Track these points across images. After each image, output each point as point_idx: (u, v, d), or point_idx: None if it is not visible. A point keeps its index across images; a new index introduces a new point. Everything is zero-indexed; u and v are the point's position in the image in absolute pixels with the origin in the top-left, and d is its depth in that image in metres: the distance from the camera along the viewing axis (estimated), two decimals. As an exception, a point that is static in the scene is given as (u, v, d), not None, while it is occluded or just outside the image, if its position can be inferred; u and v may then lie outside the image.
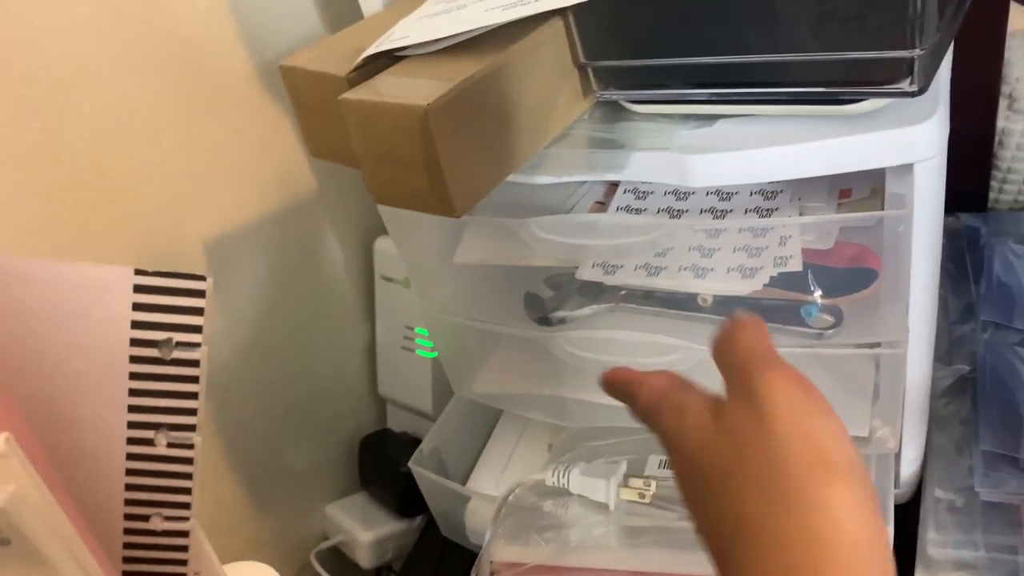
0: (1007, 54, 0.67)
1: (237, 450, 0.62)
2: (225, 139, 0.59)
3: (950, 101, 0.42)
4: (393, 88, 0.40)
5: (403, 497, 0.66)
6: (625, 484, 0.48)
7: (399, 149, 0.39)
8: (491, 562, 0.46)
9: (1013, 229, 0.68)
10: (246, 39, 0.59)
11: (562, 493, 0.49)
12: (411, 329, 0.69)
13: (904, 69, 0.36)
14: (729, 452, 0.27)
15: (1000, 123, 0.69)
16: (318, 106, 0.45)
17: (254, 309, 0.63)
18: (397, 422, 0.74)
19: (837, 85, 0.39)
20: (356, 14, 0.53)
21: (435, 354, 0.67)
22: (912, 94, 0.37)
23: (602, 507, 0.48)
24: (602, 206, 0.51)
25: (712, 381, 0.48)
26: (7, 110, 0.45)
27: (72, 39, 0.47)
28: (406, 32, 0.43)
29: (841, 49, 0.38)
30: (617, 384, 0.35)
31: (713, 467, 0.27)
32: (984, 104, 0.68)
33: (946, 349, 0.60)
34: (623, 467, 0.47)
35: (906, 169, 0.40)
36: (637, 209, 0.50)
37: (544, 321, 0.50)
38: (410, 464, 0.57)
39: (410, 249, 0.54)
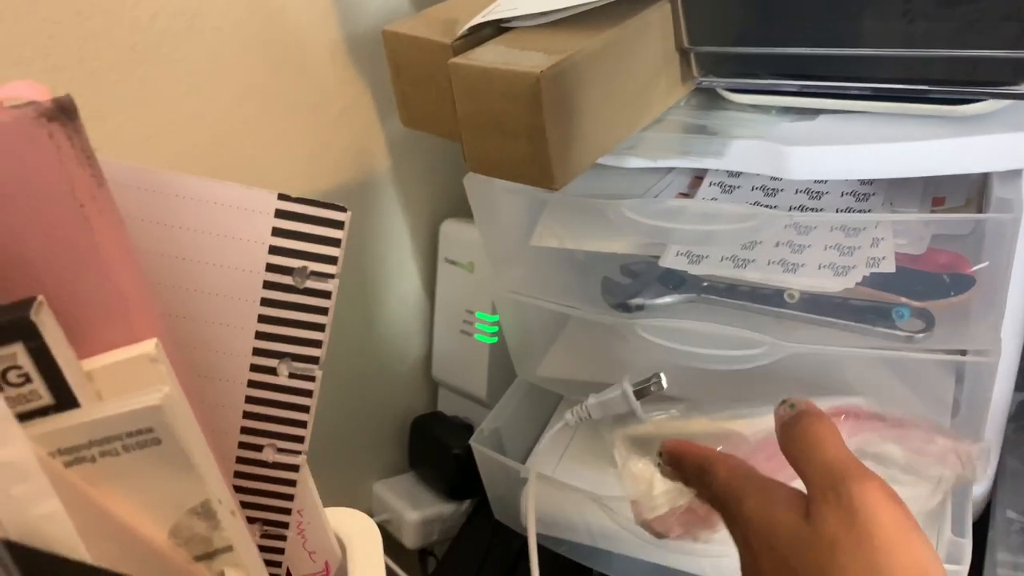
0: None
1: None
2: (306, 110, 0.59)
3: None
4: (503, 56, 0.40)
5: (453, 480, 0.66)
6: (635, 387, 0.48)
7: (505, 117, 0.39)
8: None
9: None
10: (334, 11, 0.59)
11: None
12: (471, 313, 0.69)
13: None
14: (825, 557, 0.27)
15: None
16: (418, 73, 0.46)
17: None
18: (448, 406, 0.74)
19: (951, 84, 0.39)
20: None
21: (494, 340, 0.66)
22: (1032, 97, 0.36)
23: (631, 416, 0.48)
24: (685, 198, 0.51)
25: (789, 382, 0.48)
26: (117, 56, 0.45)
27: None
28: (514, 4, 0.44)
29: (960, 47, 0.37)
30: (686, 456, 0.35)
31: (805, 569, 0.27)
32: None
33: (1017, 373, 0.59)
34: (626, 378, 0.48)
35: (1015, 175, 0.40)
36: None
37: (622, 307, 0.50)
38: (471, 442, 0.57)
39: (489, 227, 0.54)
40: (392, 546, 0.70)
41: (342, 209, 0.24)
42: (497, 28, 0.44)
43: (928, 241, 0.45)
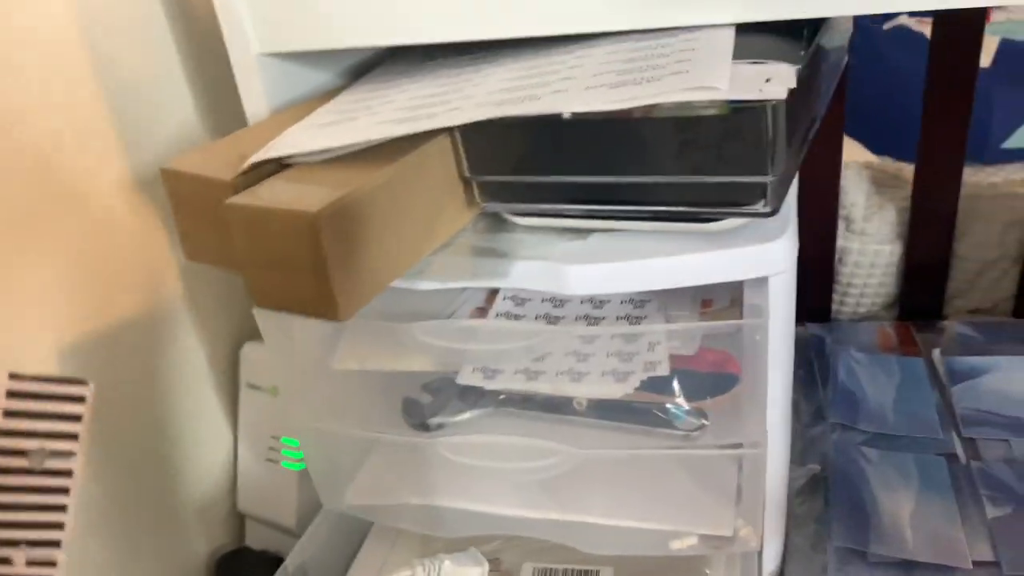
0: (842, 183, 0.76)
1: (79, 571, 0.56)
2: (89, 239, 0.56)
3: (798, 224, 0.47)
4: (281, 194, 0.40)
5: (264, 621, 0.62)
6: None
7: (285, 255, 0.39)
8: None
9: (853, 337, 0.75)
10: (119, 144, 0.58)
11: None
12: (277, 439, 0.66)
13: (759, 192, 0.41)
14: None
15: (839, 243, 0.78)
16: (199, 210, 0.45)
17: (109, 416, 0.59)
18: (257, 539, 0.70)
19: (699, 205, 0.43)
20: (239, 121, 0.53)
21: (302, 466, 0.64)
22: (766, 214, 0.41)
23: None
24: (482, 312, 0.53)
25: (586, 486, 0.50)
26: None
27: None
28: (295, 140, 0.44)
29: (702, 174, 0.41)
30: None
31: None
32: (825, 226, 0.76)
33: (799, 451, 0.64)
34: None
35: (762, 281, 0.44)
36: (516, 315, 0.51)
37: (423, 427, 0.50)
38: (276, 583, 0.54)
39: (284, 355, 0.53)
40: None
41: (82, 383, 0.23)
42: (279, 164, 0.44)
43: (699, 342, 0.49)
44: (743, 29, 0.43)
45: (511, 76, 0.45)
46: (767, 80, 0.37)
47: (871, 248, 0.78)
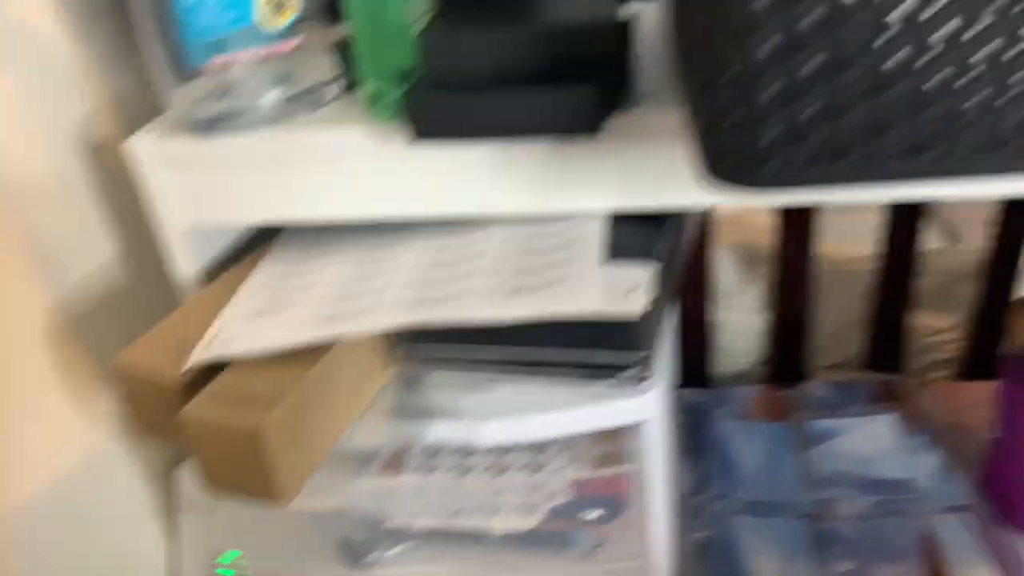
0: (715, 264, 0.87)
1: None
2: (25, 372, 0.60)
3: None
4: (227, 401, 0.46)
5: None
6: None
7: (235, 457, 0.45)
8: None
9: (728, 403, 0.85)
10: (48, 296, 0.61)
11: None
12: (219, 554, 0.71)
13: (630, 366, 0.49)
14: None
15: (716, 315, 0.88)
16: (150, 400, 0.50)
17: (61, 551, 0.63)
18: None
19: (585, 372, 0.51)
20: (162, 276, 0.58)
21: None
22: (637, 383, 0.50)
23: None
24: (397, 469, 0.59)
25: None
26: None
27: None
28: (232, 335, 0.50)
29: (584, 349, 0.50)
30: None
31: None
32: (701, 302, 0.86)
33: (687, 519, 0.73)
34: None
35: (635, 427, 0.53)
36: (434, 449, 0.59)
37: (360, 565, 0.57)
38: None
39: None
40: None
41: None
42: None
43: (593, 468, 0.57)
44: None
45: (419, 264, 0.52)
46: (631, 289, 0.46)
47: (742, 319, 0.89)
